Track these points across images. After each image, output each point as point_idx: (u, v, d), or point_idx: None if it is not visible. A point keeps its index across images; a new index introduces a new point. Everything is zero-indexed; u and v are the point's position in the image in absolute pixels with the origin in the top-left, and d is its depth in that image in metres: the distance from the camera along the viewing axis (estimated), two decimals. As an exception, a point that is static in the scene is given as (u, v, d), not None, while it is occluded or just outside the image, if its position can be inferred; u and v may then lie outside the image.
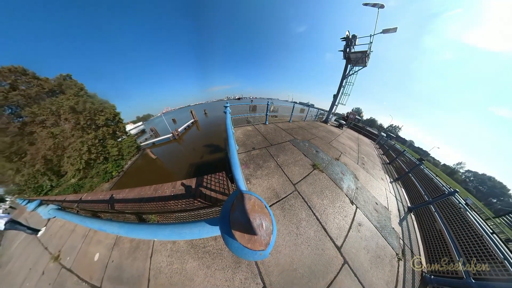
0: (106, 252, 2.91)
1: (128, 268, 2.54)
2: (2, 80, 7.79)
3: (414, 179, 5.21)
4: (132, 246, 2.79)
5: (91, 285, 2.61)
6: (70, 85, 9.94)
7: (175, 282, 2.18)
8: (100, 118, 9.64)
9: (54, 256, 3.47)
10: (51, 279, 3.09)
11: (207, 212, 3.00)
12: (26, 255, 4.28)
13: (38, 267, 3.62)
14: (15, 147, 7.12)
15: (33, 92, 8.22)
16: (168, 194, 3.64)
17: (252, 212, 0.63)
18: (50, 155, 7.54)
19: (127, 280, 2.40)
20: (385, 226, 3.33)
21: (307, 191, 3.43)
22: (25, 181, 7.40)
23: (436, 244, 3.21)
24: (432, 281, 2.63)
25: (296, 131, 6.74)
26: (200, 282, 2.11)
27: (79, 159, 7.68)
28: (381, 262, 2.66)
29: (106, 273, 2.63)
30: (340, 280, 2.25)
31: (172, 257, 2.43)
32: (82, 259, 3.09)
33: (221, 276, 2.12)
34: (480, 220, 3.09)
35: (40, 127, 7.77)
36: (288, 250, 2.37)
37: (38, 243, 4.27)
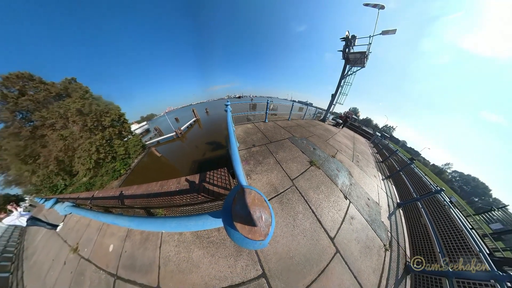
0: (119, 243, 3.09)
1: (140, 257, 2.70)
2: (11, 86, 7.88)
3: (404, 177, 5.35)
4: (143, 238, 2.95)
5: (108, 273, 2.79)
6: (75, 88, 9.99)
7: (182, 269, 2.33)
8: (106, 119, 9.73)
9: (73, 248, 3.71)
10: (72, 268, 3.32)
11: (210, 205, 3.12)
12: (48, 248, 4.55)
13: (59, 258, 3.87)
14: (29, 150, 7.30)
15: (41, 96, 8.27)
16: (173, 189, 3.74)
17: (252, 206, 0.66)
18: (61, 156, 7.74)
19: (139, 268, 2.57)
20: (375, 220, 3.48)
21: (304, 186, 3.53)
22: (41, 181, 7.61)
23: (421, 237, 3.38)
24: (414, 271, 2.80)
25: (294, 129, 6.78)
26: (206, 269, 2.26)
27: (88, 159, 7.87)
28: (370, 252, 2.83)
29: (120, 262, 2.81)
30: (332, 267, 2.42)
31: (179, 247, 2.58)
32: (98, 250, 3.29)
33: (224, 264, 2.27)
34: (462, 216, 3.30)
35: (50, 130, 7.97)
36: (286, 240, 2.52)
37: (57, 237, 4.54)
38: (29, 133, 7.61)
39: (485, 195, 25.29)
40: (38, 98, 8.21)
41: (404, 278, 2.81)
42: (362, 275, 2.51)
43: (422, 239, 3.33)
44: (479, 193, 25.56)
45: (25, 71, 8.35)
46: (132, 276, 2.56)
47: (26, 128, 7.73)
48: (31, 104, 7.84)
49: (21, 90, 8.13)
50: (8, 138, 7.23)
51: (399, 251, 3.19)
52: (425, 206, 3.88)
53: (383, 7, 8.69)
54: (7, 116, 7.50)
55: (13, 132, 7.51)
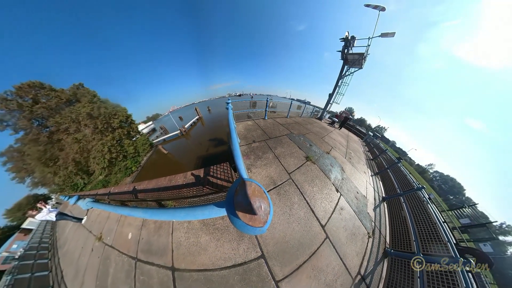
0: (136, 232, 3.38)
1: (155, 242, 2.98)
2: (25, 95, 8.06)
3: (391, 174, 5.57)
4: (156, 226, 3.21)
5: (129, 256, 3.11)
6: (83, 93, 10.18)
7: (192, 252, 2.60)
8: (114, 121, 10.10)
9: (98, 237, 4.05)
10: (99, 254, 3.68)
11: (215, 197, 3.29)
12: (76, 238, 4.96)
13: (87, 246, 4.24)
14: (49, 154, 7.73)
15: (53, 103, 8.52)
16: (180, 183, 3.88)
17: (252, 196, 0.69)
18: (78, 157, 8.16)
19: (155, 252, 2.85)
20: (362, 211, 3.73)
21: (300, 179, 3.68)
22: (63, 181, 8.15)
23: (400, 227, 3.67)
24: (391, 253, 3.12)
25: (292, 126, 6.80)
26: (212, 251, 2.52)
27: (102, 159, 8.32)
28: (355, 238, 3.10)
29: (139, 247, 3.11)
30: (321, 250, 2.69)
31: (188, 233, 2.83)
32: (119, 238, 3.60)
33: (228, 247, 2.53)
34: (437, 211, 3.58)
35: (65, 134, 8.37)
36: (282, 226, 2.76)
37: (83, 229, 4.94)
38: (46, 138, 8.04)
39: (460, 194, 27.67)
40: (51, 105, 8.48)
41: (382, 260, 3.10)
42: (347, 257, 2.79)
43: (401, 229, 3.61)
44: (454, 192, 27.93)
45: (36, 80, 8.47)
46: (150, 258, 2.85)
47: (43, 134, 8.14)
48: (45, 111, 8.18)
49: (34, 99, 8.34)
50: (29, 144, 7.59)
51: (380, 239, 3.47)
52: (406, 201, 4.13)
53: (384, 9, 8.47)
54: (25, 124, 7.84)
55: (33, 138, 7.87)
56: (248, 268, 2.38)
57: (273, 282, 2.32)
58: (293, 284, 2.36)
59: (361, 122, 41.93)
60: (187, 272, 2.48)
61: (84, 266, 3.85)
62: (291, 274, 2.41)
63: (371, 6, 8.56)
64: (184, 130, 25.63)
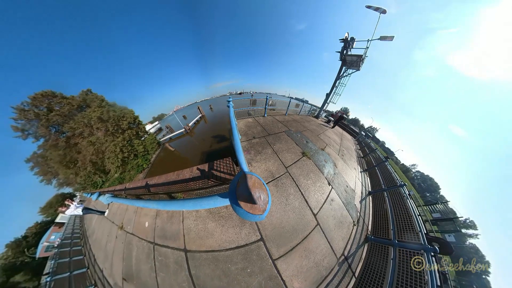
0: (152, 221, 3.71)
1: (168, 229, 3.30)
2: (39, 105, 8.43)
3: (378, 171, 5.80)
4: (169, 216, 3.50)
5: (148, 241, 3.47)
6: (92, 98, 10.55)
7: (201, 236, 2.91)
8: (123, 123, 10.56)
9: (120, 226, 4.46)
10: (122, 240, 4.11)
11: (219, 188, 3.52)
12: (102, 228, 5.45)
13: (112, 234, 4.70)
14: (68, 157, 8.28)
15: (66, 110, 8.90)
16: (188, 177, 4.06)
17: (253, 188, 0.71)
18: (94, 159, 8.65)
19: (170, 237, 3.19)
20: (350, 203, 4.01)
21: (296, 173, 3.84)
22: (84, 181, 8.85)
23: (381, 218, 3.99)
24: (371, 239, 3.45)
25: (290, 123, 6.84)
26: (218, 235, 2.82)
27: (116, 158, 8.96)
28: (342, 225, 3.41)
29: (155, 233, 3.46)
30: (312, 235, 3.00)
31: (197, 220, 3.12)
32: (138, 226, 3.96)
33: (232, 231, 2.83)
34: (414, 206, 3.92)
35: (80, 138, 8.90)
36: (279, 214, 3.04)
37: (107, 220, 5.42)
38: (64, 143, 8.56)
39: (435, 192, 30.04)
40: (64, 112, 8.89)
41: (363, 245, 3.43)
42: (334, 241, 3.11)
43: (382, 219, 3.94)
44: (431, 190, 30.24)
45: (48, 89, 8.74)
46: (165, 242, 3.20)
47: (61, 139, 8.64)
48: (59, 118, 8.63)
49: (48, 107, 8.78)
50: (50, 150, 8.09)
51: (363, 227, 3.78)
52: (389, 196, 4.43)
53: (385, 11, 8.14)
54: (43, 132, 8.31)
55: (52, 144, 8.39)
56: (249, 249, 2.69)
57: (270, 261, 2.64)
58: (287, 262, 2.67)
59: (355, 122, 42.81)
60: (198, 253, 2.81)
61: (112, 251, 4.31)
62: (286, 254, 2.72)
63: (372, 8, 8.18)
64: (189, 128, 26.11)
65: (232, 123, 3.17)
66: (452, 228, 12.73)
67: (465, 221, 24.45)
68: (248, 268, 2.59)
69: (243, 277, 2.55)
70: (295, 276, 2.62)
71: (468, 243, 23.45)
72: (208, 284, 2.60)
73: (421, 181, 33.40)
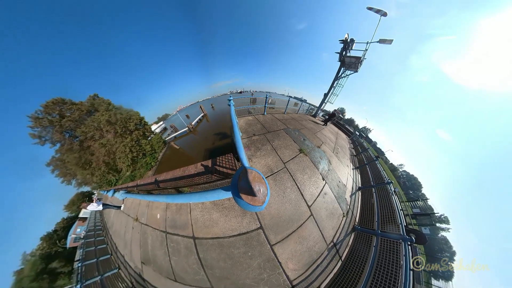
0: (163, 213, 4.00)
1: (178, 220, 3.60)
2: (52, 112, 8.98)
3: (368, 169, 5.96)
4: (177, 208, 3.76)
5: (160, 231, 3.79)
6: (99, 102, 10.99)
7: (207, 225, 3.20)
8: (130, 125, 11.08)
9: (135, 218, 4.83)
10: (139, 230, 4.48)
11: (222, 182, 3.69)
12: (119, 220, 5.92)
13: (128, 225, 5.09)
14: (83, 159, 8.90)
15: (76, 115, 9.42)
16: (193, 172, 4.23)
17: (253, 182, 0.72)
18: (107, 159, 9.23)
19: (179, 226, 3.50)
20: (341, 196, 4.22)
21: (293, 168, 3.97)
22: (99, 180, 9.55)
23: (368, 211, 4.28)
24: (358, 229, 3.74)
25: (289, 121, 6.82)
26: (222, 224, 3.10)
27: (126, 158, 9.62)
28: (333, 216, 3.67)
29: (166, 223, 3.76)
30: (306, 224, 3.26)
31: (203, 211, 3.38)
32: (151, 218, 4.27)
33: (235, 221, 3.10)
34: (398, 202, 4.21)
35: (92, 141, 9.46)
36: (277, 206, 3.27)
37: (123, 213, 5.85)
38: (78, 146, 9.18)
39: (418, 190, 32.02)
40: (75, 117, 9.42)
41: (350, 234, 3.71)
42: (325, 230, 3.39)
43: (368, 212, 4.23)
44: (414, 188, 32.32)
45: (58, 97, 9.29)
46: (176, 231, 3.51)
47: (75, 143, 9.24)
48: (71, 124, 9.19)
49: (60, 114, 9.31)
50: (66, 153, 8.76)
51: (352, 218, 4.04)
52: (376, 191, 4.70)
53: (386, 14, 7.91)
54: (58, 137, 8.94)
55: (68, 148, 9.04)
56: (250, 236, 2.97)
57: (268, 246, 2.92)
58: (283, 247, 2.97)
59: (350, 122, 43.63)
60: (205, 240, 3.12)
61: (130, 240, 4.72)
62: (282, 240, 3.01)
63: (374, 10, 7.98)
64: (192, 127, 26.63)
65: (233, 121, 3.27)
66: (428, 222, 14.20)
67: (440, 216, 26.45)
68: (249, 252, 2.88)
69: (245, 259, 2.85)
70: (290, 259, 2.92)
71: (440, 235, 25.81)
72: (215, 265, 2.92)
73: (406, 180, 35.25)
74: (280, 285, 2.76)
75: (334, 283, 3.00)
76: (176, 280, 3.30)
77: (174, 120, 39.77)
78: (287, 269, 2.85)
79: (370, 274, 2.90)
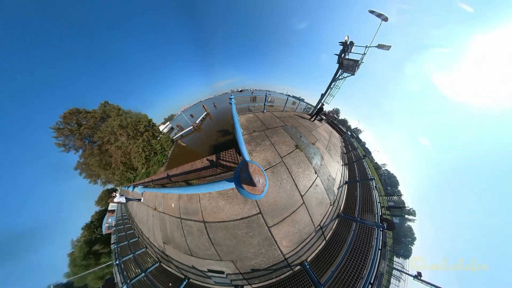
0: (176, 202, 4.45)
1: (189, 207, 4.04)
2: (70, 122, 9.95)
3: (356, 166, 6.34)
4: (188, 198, 4.15)
5: (176, 217, 4.27)
6: (110, 109, 11.79)
7: (214, 211, 3.62)
8: (140, 127, 11.89)
9: (153, 208, 5.39)
10: (158, 217, 5.07)
11: (226, 175, 4.01)
12: (141, 210, 6.61)
13: (149, 214, 5.69)
14: (104, 161, 10.06)
15: (91, 123, 10.33)
16: (200, 167, 4.52)
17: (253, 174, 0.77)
18: (124, 160, 10.24)
19: (191, 213, 3.95)
20: (330, 188, 4.53)
21: (290, 162, 4.17)
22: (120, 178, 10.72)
23: (351, 201, 4.75)
24: (341, 216, 4.18)
25: (287, 119, 6.81)
26: (227, 210, 3.53)
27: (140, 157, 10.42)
28: (321, 205, 4.06)
29: (180, 211, 4.22)
30: (299, 211, 3.67)
31: (210, 200, 3.74)
32: (167, 207, 4.77)
33: (238, 207, 3.52)
34: (377, 195, 4.73)
35: (108, 144, 10.36)
36: (274, 195, 3.59)
37: (143, 205, 6.51)
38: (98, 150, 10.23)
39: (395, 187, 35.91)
40: (91, 125, 10.33)
41: (335, 219, 4.18)
42: (314, 215, 3.81)
43: (352, 202, 4.70)
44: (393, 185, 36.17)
45: (73, 107, 10.28)
46: (189, 217, 3.97)
47: (94, 148, 10.27)
48: (88, 131, 10.15)
49: (77, 123, 10.26)
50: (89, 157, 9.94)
51: (337, 207, 4.46)
52: (360, 186, 5.15)
53: (387, 19, 7.72)
54: (80, 144, 10.03)
55: (89, 152, 10.09)
56: (251, 220, 3.42)
57: (266, 228, 3.39)
58: (278, 229, 3.44)
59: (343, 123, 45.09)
60: (213, 223, 3.59)
61: (152, 225, 5.37)
62: (278, 223, 3.46)
63: (375, 14, 7.74)
64: (196, 125, 27.83)
65: (234, 119, 3.40)
66: (399, 213, 17.41)
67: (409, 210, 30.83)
68: (250, 233, 3.35)
69: (247, 238, 3.33)
70: (284, 238, 3.41)
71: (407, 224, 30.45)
72: (222, 243, 3.42)
73: (386, 178, 38.56)
74: (275, 258, 3.28)
75: (318, 257, 3.51)
76: (192, 255, 3.87)
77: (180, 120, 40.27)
78: (281, 246, 3.36)
79: (348, 251, 3.44)
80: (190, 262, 3.97)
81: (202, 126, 30.49)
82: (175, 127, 33.27)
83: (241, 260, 3.34)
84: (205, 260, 3.66)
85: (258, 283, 3.38)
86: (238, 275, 3.41)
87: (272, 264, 3.31)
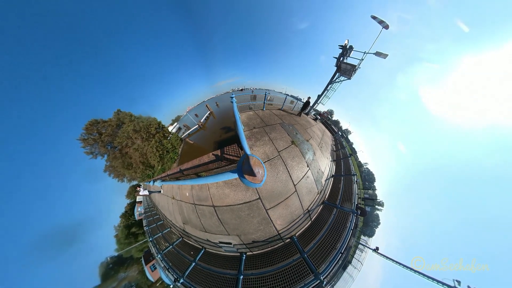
0: (190, 191, 5.07)
1: (201, 195, 4.65)
2: (92, 132, 11.50)
3: (342, 163, 6.87)
4: (199, 187, 4.76)
5: (191, 203, 4.94)
6: (123, 116, 13.26)
7: (221, 197, 4.22)
8: (151, 129, 13.28)
9: (172, 197, 6.13)
10: (176, 205, 5.80)
11: (230, 167, 4.44)
12: (162, 200, 7.67)
13: (169, 202, 6.49)
14: (126, 163, 12.02)
15: (110, 131, 11.90)
16: (207, 161, 4.92)
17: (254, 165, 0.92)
18: (142, 160, 11.84)
19: (203, 199, 4.58)
20: (318, 180, 5.04)
21: (286, 156, 4.49)
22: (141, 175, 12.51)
23: (335, 191, 5.32)
24: (326, 203, 4.76)
25: (285, 117, 7.02)
26: (232, 196, 4.13)
27: (155, 156, 11.77)
28: (310, 193, 4.62)
29: (193, 198, 4.86)
30: (291, 197, 4.25)
31: (217, 188, 4.31)
32: (182, 196, 5.42)
33: (240, 194, 4.11)
34: (356, 188, 5.35)
35: (127, 148, 12.05)
36: (271, 183, 4.15)
37: (163, 195, 7.45)
38: (119, 154, 11.97)
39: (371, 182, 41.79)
40: (109, 132, 11.82)
41: (320, 205, 4.76)
42: (304, 202, 4.39)
43: (335, 192, 5.29)
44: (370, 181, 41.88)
45: (92, 119, 11.79)
46: (201, 202, 4.61)
47: (116, 152, 12.02)
48: (108, 138, 11.79)
49: (98, 132, 11.84)
50: (113, 161, 11.85)
51: (323, 195, 5.03)
52: (344, 180, 5.72)
53: (388, 26, 7.55)
54: (104, 150, 11.68)
55: (113, 156, 11.89)
56: (251, 204, 4.04)
57: (264, 210, 4.01)
58: (274, 211, 4.04)
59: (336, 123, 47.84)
60: (221, 207, 4.23)
61: (172, 210, 6.19)
62: (274, 207, 4.07)
63: (377, 20, 7.53)
64: (201, 124, 28.76)
65: (236, 116, 3.82)
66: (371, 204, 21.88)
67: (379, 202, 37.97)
68: (251, 214, 3.98)
69: (249, 218, 3.98)
70: (278, 218, 4.06)
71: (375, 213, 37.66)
72: (229, 222, 4.10)
73: (366, 174, 44.21)
74: (271, 233, 3.96)
75: (304, 233, 4.20)
76: (206, 231, 4.63)
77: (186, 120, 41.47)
78: (276, 224, 4.02)
79: (327, 230, 4.11)
80: (205, 237, 4.73)
81: (206, 124, 32.32)
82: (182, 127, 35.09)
83: (244, 235, 4.02)
84: (216, 235, 4.39)
85: (257, 251, 4.10)
86: (242, 245, 4.12)
87: (268, 237, 3.99)
